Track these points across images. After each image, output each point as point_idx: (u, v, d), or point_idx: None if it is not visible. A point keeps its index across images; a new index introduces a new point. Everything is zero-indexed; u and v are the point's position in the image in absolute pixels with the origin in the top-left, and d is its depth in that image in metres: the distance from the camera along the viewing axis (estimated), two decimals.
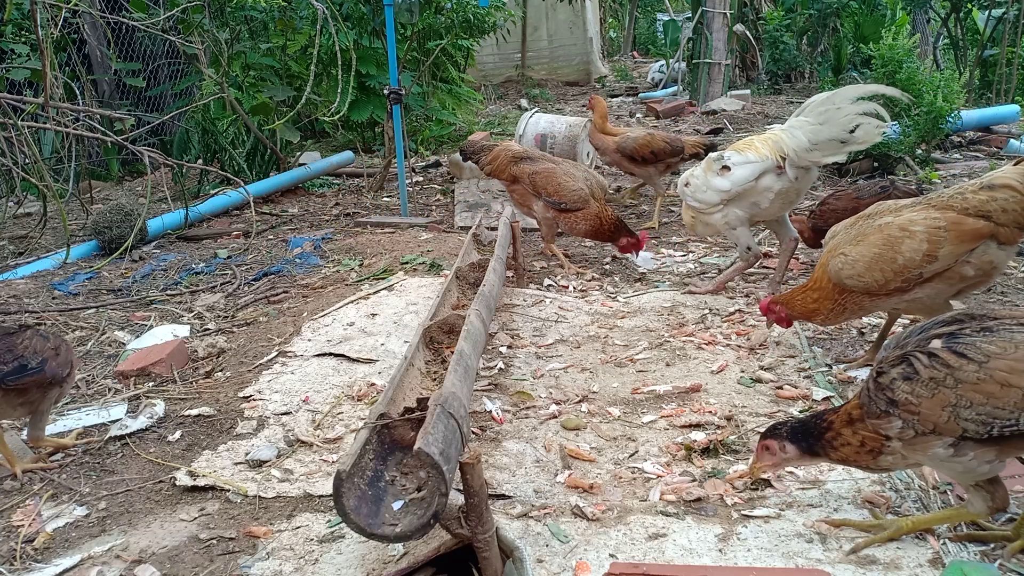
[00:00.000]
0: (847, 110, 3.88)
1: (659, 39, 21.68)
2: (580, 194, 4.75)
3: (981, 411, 1.94)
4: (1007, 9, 9.95)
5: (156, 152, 5.94)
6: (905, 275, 3.07)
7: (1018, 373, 1.91)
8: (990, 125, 7.93)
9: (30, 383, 2.71)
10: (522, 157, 4.99)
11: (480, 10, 8.77)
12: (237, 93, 7.33)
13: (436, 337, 3.19)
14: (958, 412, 1.96)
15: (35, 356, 2.74)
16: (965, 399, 1.95)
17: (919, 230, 3.04)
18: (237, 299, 4.58)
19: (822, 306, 3.29)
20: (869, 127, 3.86)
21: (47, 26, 5.81)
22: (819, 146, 3.96)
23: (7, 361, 2.68)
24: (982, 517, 2.11)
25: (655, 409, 3.08)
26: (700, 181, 4.22)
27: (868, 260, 3.10)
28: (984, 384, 1.94)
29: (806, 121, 4.00)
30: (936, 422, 1.99)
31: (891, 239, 3.08)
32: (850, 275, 3.15)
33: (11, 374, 2.67)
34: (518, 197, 5.02)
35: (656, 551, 2.20)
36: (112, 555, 2.36)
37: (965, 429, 1.96)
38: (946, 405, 1.97)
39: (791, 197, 4.19)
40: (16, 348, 2.72)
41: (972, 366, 1.95)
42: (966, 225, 2.99)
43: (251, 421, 3.12)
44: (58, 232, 5.90)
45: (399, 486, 2.13)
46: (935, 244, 3.01)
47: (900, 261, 3.05)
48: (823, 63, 13.58)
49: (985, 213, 2.98)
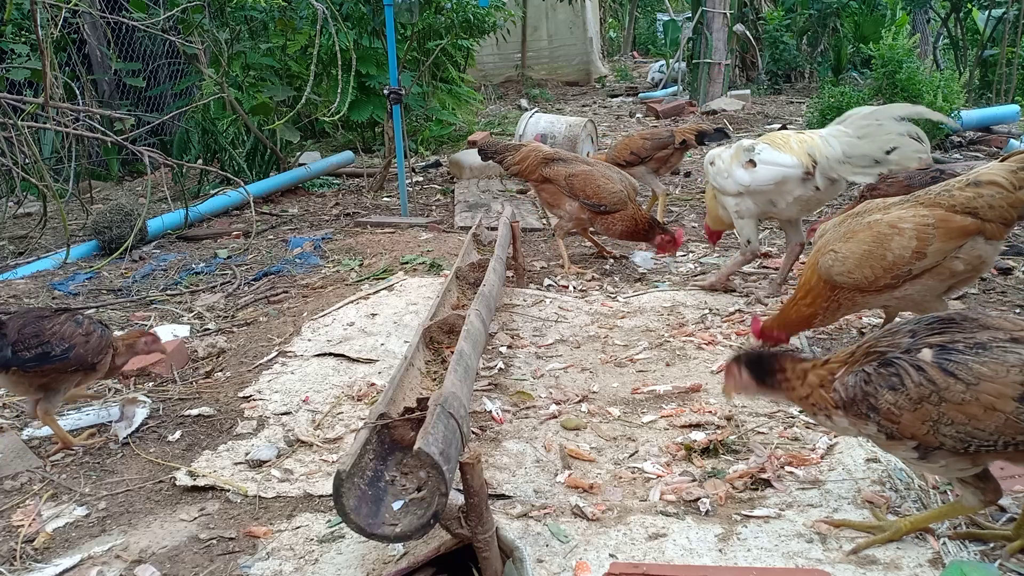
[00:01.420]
0: (889, 127, 3.72)
1: (659, 39, 21.69)
2: (619, 196, 4.74)
3: (961, 430, 1.93)
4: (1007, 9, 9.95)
5: (156, 152, 5.94)
6: (895, 272, 3.09)
7: (1005, 399, 1.89)
8: (990, 125, 7.92)
9: (50, 370, 2.75)
10: (553, 158, 4.95)
11: (480, 10, 8.77)
12: (237, 93, 7.33)
13: (436, 337, 3.19)
14: (938, 428, 1.95)
15: (61, 343, 2.77)
16: (947, 417, 1.94)
17: (908, 227, 3.06)
18: (237, 299, 4.58)
19: (817, 308, 3.28)
20: (907, 150, 3.70)
21: (47, 26, 5.81)
22: (852, 160, 3.82)
23: (31, 347, 2.72)
24: (976, 511, 2.11)
25: (655, 409, 3.09)
26: (724, 166, 4.17)
27: (858, 257, 3.12)
28: (968, 406, 1.92)
29: (844, 132, 3.86)
30: (915, 433, 1.99)
31: (880, 236, 3.10)
32: (840, 272, 3.16)
33: (31, 361, 2.71)
34: (548, 197, 4.98)
35: (656, 551, 2.20)
36: (112, 555, 2.36)
37: (943, 443, 1.96)
38: (927, 420, 1.96)
39: (811, 205, 4.12)
40: (43, 334, 2.76)
41: (960, 386, 1.92)
42: (954, 222, 3.01)
43: (251, 421, 3.12)
44: (58, 232, 5.90)
45: (399, 486, 2.13)
46: (924, 241, 3.03)
47: (889, 258, 3.07)
48: (823, 63, 13.58)
49: (972, 209, 3.00)
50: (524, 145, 5.18)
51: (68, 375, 2.83)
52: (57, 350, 2.76)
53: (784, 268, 4.42)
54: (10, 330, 2.76)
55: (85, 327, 2.87)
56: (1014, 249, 4.77)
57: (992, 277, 4.36)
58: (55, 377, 2.81)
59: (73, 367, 2.80)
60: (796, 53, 13.94)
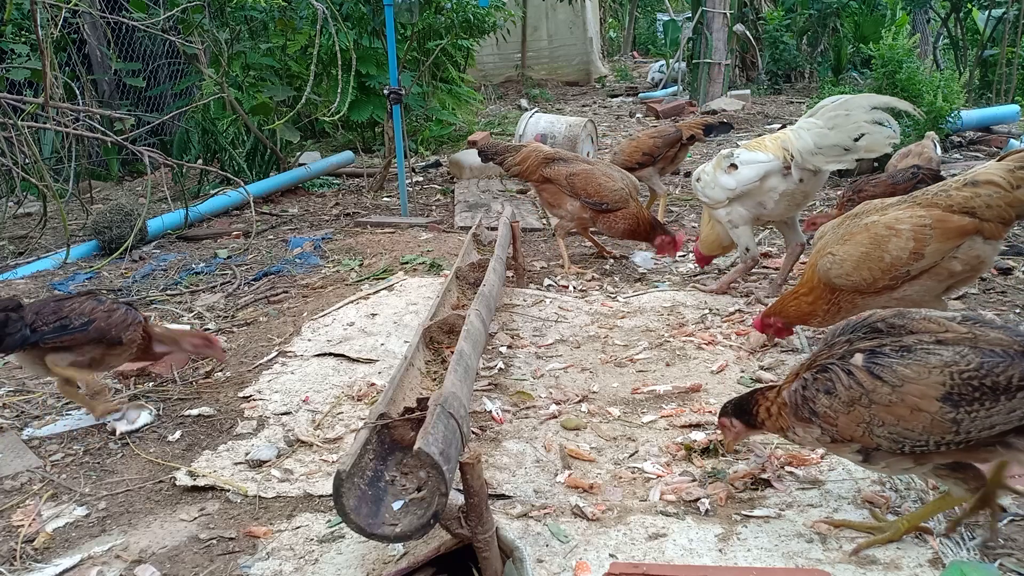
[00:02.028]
0: (856, 118, 3.83)
1: (659, 39, 21.69)
2: (621, 194, 4.75)
3: (892, 431, 1.99)
4: (1007, 9, 9.95)
5: (156, 152, 5.94)
6: (893, 273, 3.10)
7: (928, 399, 1.94)
8: (990, 125, 7.92)
9: (70, 341, 2.94)
10: (554, 158, 4.95)
11: (480, 10, 8.77)
12: (237, 93, 7.33)
13: (436, 337, 3.19)
14: (871, 429, 2.02)
15: (80, 317, 2.96)
16: (878, 419, 2.00)
17: (905, 228, 3.06)
18: (237, 299, 4.58)
19: (817, 308, 3.30)
20: (877, 137, 3.81)
21: (47, 26, 5.81)
22: (823, 151, 3.93)
23: (49, 322, 2.93)
24: (965, 500, 2.12)
25: (655, 409, 3.09)
26: (709, 177, 4.26)
27: (856, 259, 3.13)
28: (895, 407, 1.98)
29: (815, 123, 3.97)
30: (853, 435, 2.06)
31: (878, 238, 3.11)
32: (839, 274, 3.18)
33: (50, 333, 2.92)
34: (549, 197, 4.98)
35: (656, 551, 2.20)
36: (112, 555, 2.36)
37: (879, 445, 2.03)
38: (860, 422, 2.03)
39: (797, 199, 4.18)
40: (62, 311, 2.97)
41: (886, 388, 1.98)
42: (951, 222, 3.02)
43: (251, 421, 3.12)
44: (58, 232, 5.90)
45: (399, 486, 2.13)
46: (921, 242, 3.04)
47: (887, 259, 3.08)
48: (823, 63, 13.58)
49: (969, 209, 3.01)
50: (524, 146, 5.18)
51: (91, 347, 2.98)
52: (76, 323, 2.94)
53: (784, 268, 4.43)
54: (27, 313, 2.95)
55: (107, 305, 3.06)
56: (1014, 249, 4.77)
57: (992, 277, 4.36)
58: (92, 350, 2.98)
59: (94, 338, 2.96)
60: (796, 53, 13.94)
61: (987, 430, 1.91)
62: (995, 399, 1.90)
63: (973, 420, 1.91)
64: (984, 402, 1.90)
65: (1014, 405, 1.88)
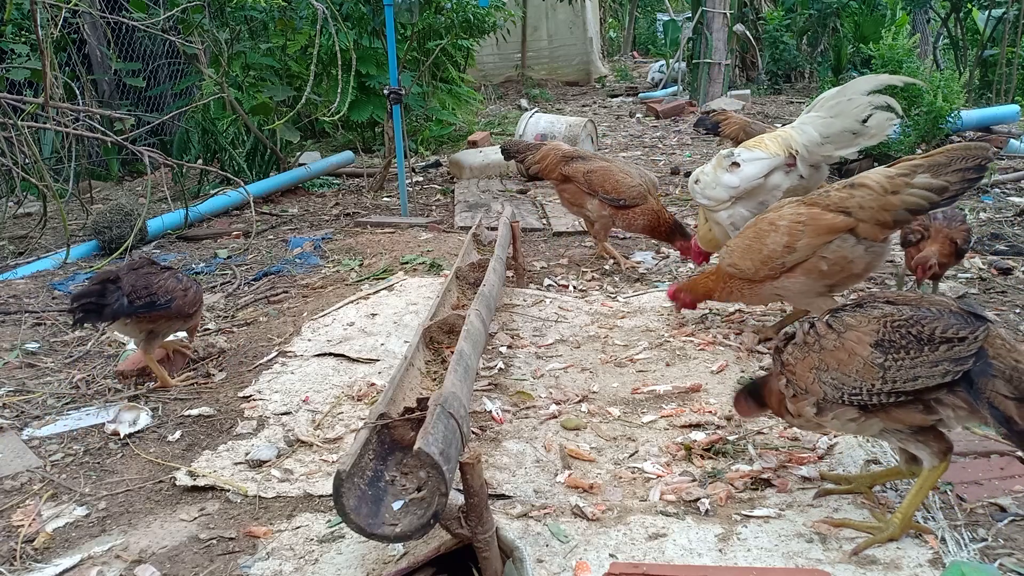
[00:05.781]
0: (859, 101, 3.89)
1: (659, 39, 21.69)
2: (638, 190, 4.76)
3: (835, 376, 2.15)
4: (1007, 9, 9.95)
5: (156, 152, 5.94)
6: (770, 264, 3.37)
7: (863, 344, 2.12)
8: (990, 125, 7.93)
9: (156, 316, 3.30)
10: (573, 156, 4.99)
11: (480, 10, 8.76)
12: (237, 93, 7.33)
13: (436, 337, 3.19)
14: (819, 375, 2.19)
15: (165, 295, 3.31)
16: (824, 363, 2.18)
17: (783, 224, 3.32)
18: (237, 299, 4.58)
19: (716, 288, 3.64)
20: (881, 118, 3.88)
21: (47, 26, 5.81)
22: (831, 139, 3.98)
23: (141, 296, 3.24)
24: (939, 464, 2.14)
25: (655, 409, 3.09)
26: (710, 178, 4.25)
27: (741, 250, 3.48)
28: (837, 352, 2.16)
29: (817, 116, 4.01)
30: (806, 383, 2.23)
31: (760, 232, 3.41)
32: (728, 263, 3.53)
33: (142, 307, 3.23)
34: (569, 196, 5.00)
35: (656, 551, 2.20)
36: (112, 555, 2.36)
37: (825, 393, 2.18)
38: (812, 368, 2.21)
39: (799, 196, 4.19)
40: (152, 286, 3.29)
41: (833, 335, 2.19)
42: (823, 220, 3.24)
43: (251, 421, 3.12)
44: (58, 232, 5.90)
45: (399, 486, 2.13)
46: (794, 236, 3.29)
47: (764, 252, 3.37)
48: (823, 63, 13.58)
49: (845, 209, 3.20)
50: (544, 144, 5.20)
51: (169, 322, 3.37)
52: (162, 300, 3.28)
53: None
54: (124, 284, 3.23)
55: (184, 283, 3.42)
56: (1014, 249, 4.77)
57: (992, 277, 4.36)
58: (159, 323, 3.34)
59: (174, 315, 3.35)
60: (796, 53, 13.94)
61: (911, 381, 2.02)
62: (919, 349, 2.03)
63: (899, 368, 2.04)
64: (909, 350, 2.04)
65: (937, 358, 2.00)
